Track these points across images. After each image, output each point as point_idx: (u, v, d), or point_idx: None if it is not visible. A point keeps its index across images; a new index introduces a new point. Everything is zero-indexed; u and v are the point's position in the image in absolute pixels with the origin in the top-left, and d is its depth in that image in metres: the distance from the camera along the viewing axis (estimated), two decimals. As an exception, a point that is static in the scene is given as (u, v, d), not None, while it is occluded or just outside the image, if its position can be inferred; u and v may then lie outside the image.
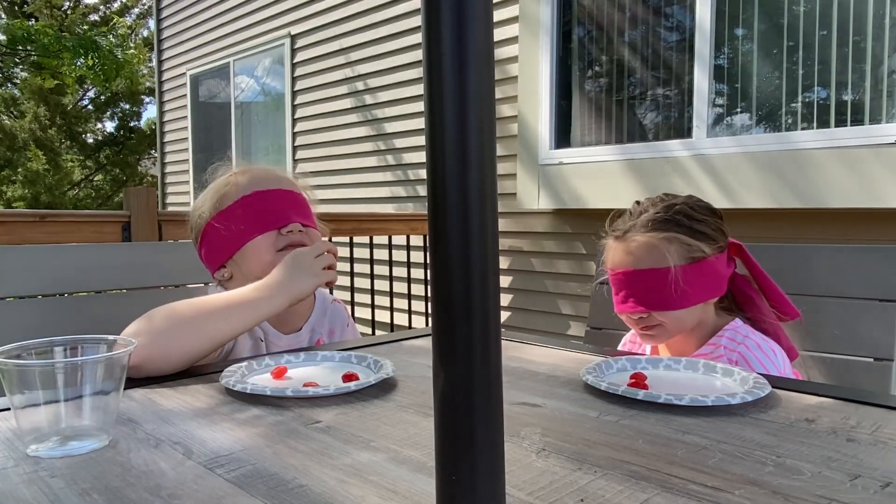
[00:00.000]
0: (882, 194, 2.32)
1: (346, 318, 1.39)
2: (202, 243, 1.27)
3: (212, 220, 1.23)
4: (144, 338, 0.92)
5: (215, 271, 1.27)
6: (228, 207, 1.22)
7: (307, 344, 1.28)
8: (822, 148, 2.50)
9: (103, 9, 17.71)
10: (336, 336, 1.35)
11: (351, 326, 1.41)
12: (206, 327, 1.00)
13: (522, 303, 3.71)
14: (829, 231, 2.55)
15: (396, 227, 3.45)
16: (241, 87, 6.04)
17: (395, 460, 0.64)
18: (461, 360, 0.40)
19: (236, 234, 1.21)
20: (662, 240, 1.20)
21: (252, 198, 1.22)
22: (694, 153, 2.87)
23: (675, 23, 3.10)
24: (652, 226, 1.22)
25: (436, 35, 0.38)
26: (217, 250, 1.24)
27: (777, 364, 1.19)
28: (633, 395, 0.83)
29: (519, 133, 3.51)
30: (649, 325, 1.23)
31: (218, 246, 1.24)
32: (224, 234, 1.22)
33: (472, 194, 0.39)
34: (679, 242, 1.20)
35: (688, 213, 1.24)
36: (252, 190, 1.22)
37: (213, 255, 1.26)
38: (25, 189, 15.64)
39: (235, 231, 1.21)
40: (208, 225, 1.24)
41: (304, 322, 1.29)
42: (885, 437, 0.70)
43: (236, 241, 1.21)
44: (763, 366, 1.17)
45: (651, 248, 1.20)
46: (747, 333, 1.23)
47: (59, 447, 0.66)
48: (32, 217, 2.00)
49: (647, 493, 0.56)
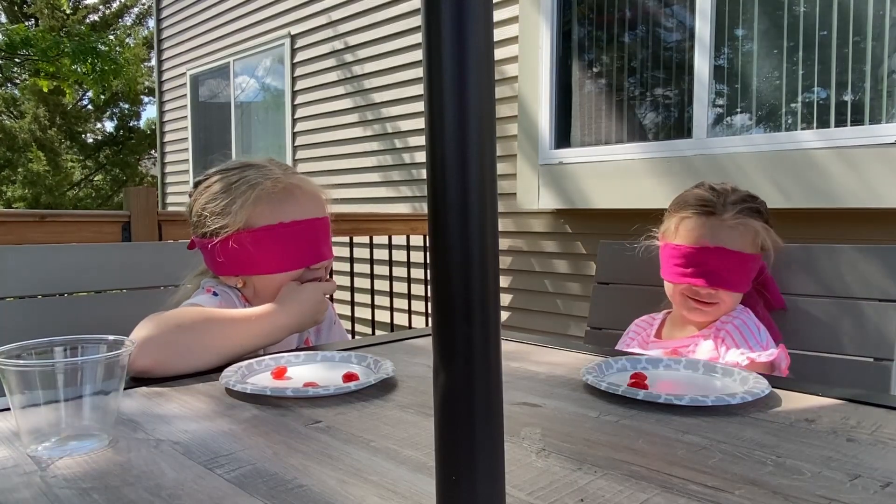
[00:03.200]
0: (882, 194, 2.32)
1: (333, 315, 1.38)
2: (220, 246, 1.15)
3: (242, 232, 1.14)
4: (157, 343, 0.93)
5: (224, 275, 1.21)
6: (263, 229, 1.14)
7: (296, 342, 1.25)
8: (822, 148, 2.50)
9: (103, 9, 17.70)
10: (323, 333, 1.35)
11: (337, 325, 1.40)
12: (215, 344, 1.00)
13: (522, 303, 3.71)
14: (829, 231, 2.55)
15: (396, 227, 3.44)
16: (241, 86, 6.04)
17: (395, 460, 0.64)
18: (461, 360, 0.40)
19: (264, 259, 1.15)
20: (761, 228, 1.27)
21: (291, 229, 1.14)
22: (694, 153, 2.87)
23: (675, 22, 3.10)
24: (747, 213, 1.28)
25: (436, 35, 0.38)
26: (238, 263, 1.16)
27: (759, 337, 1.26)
28: (633, 395, 0.83)
29: (519, 133, 3.51)
30: (708, 302, 1.28)
31: (240, 259, 1.15)
32: (251, 251, 1.14)
33: (472, 194, 0.39)
34: (766, 233, 1.28)
35: (765, 207, 1.32)
36: (291, 219, 1.14)
37: (231, 265, 1.17)
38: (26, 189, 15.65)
39: (263, 257, 1.14)
40: (237, 234, 1.14)
41: None
42: (885, 437, 0.70)
43: (262, 266, 1.15)
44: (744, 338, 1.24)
45: (749, 231, 1.27)
46: (740, 311, 1.30)
47: (59, 447, 0.66)
48: (32, 217, 2.00)
49: (647, 493, 0.56)
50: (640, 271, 1.53)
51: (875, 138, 2.38)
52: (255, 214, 1.15)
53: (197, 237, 1.22)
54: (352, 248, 3.24)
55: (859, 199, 2.38)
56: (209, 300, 1.16)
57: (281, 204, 1.16)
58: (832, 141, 2.50)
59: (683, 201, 1.34)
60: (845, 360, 1.31)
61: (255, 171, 1.19)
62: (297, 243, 1.16)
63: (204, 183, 1.22)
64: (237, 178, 1.18)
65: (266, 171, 1.20)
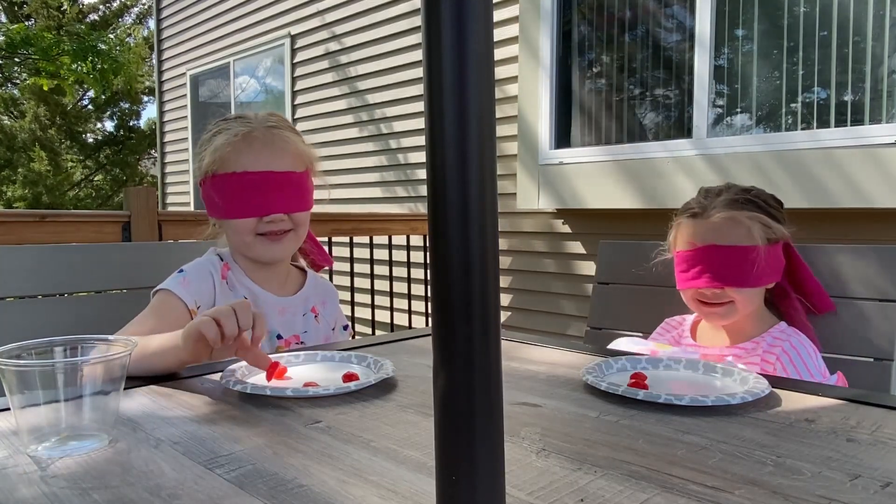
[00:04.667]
0: (882, 194, 2.32)
1: (336, 294, 1.43)
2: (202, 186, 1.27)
3: (208, 178, 1.23)
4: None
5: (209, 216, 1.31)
6: (219, 176, 1.21)
7: (301, 311, 1.31)
8: (822, 148, 2.50)
9: (103, 9, 17.70)
10: (328, 307, 1.38)
11: (347, 331, 1.44)
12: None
13: (522, 303, 3.71)
14: (829, 231, 2.55)
15: (396, 227, 3.44)
16: (241, 86, 6.04)
17: (395, 460, 0.64)
18: (461, 360, 0.40)
19: (222, 205, 1.23)
20: (749, 218, 1.25)
21: (242, 178, 1.20)
22: (694, 153, 2.87)
23: (675, 23, 3.10)
24: (735, 205, 1.27)
25: (436, 35, 0.38)
26: (209, 206, 1.27)
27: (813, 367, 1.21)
28: (633, 395, 0.83)
29: (519, 133, 3.51)
30: (720, 302, 1.27)
31: (209, 203, 1.26)
32: (212, 196, 1.23)
33: (472, 194, 0.39)
34: (761, 223, 1.25)
35: (764, 198, 1.30)
36: (243, 169, 1.20)
37: (207, 206, 1.28)
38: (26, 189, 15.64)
39: (221, 202, 1.22)
40: (205, 179, 1.24)
41: (299, 289, 1.33)
42: (885, 437, 0.70)
43: (221, 211, 1.23)
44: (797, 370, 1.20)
45: (737, 224, 1.25)
46: (790, 334, 1.26)
47: (59, 447, 0.66)
48: (33, 217, 2.00)
49: (647, 493, 0.56)
50: (640, 271, 1.53)
51: (875, 138, 2.38)
52: (218, 161, 1.21)
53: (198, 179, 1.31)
54: (352, 248, 3.24)
55: (859, 199, 2.38)
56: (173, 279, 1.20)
57: (239, 154, 1.21)
58: (832, 141, 2.50)
59: (680, 211, 1.36)
60: (845, 360, 1.31)
61: (236, 122, 1.25)
62: (245, 193, 1.20)
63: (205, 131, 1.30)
64: (219, 127, 1.26)
65: (243, 121, 1.25)
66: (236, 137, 1.21)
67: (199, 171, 1.26)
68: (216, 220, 1.31)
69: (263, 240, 1.23)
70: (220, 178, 1.21)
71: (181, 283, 1.18)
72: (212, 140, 1.24)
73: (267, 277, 1.29)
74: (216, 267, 1.25)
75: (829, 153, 2.47)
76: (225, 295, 1.23)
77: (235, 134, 1.21)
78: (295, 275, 1.37)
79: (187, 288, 1.18)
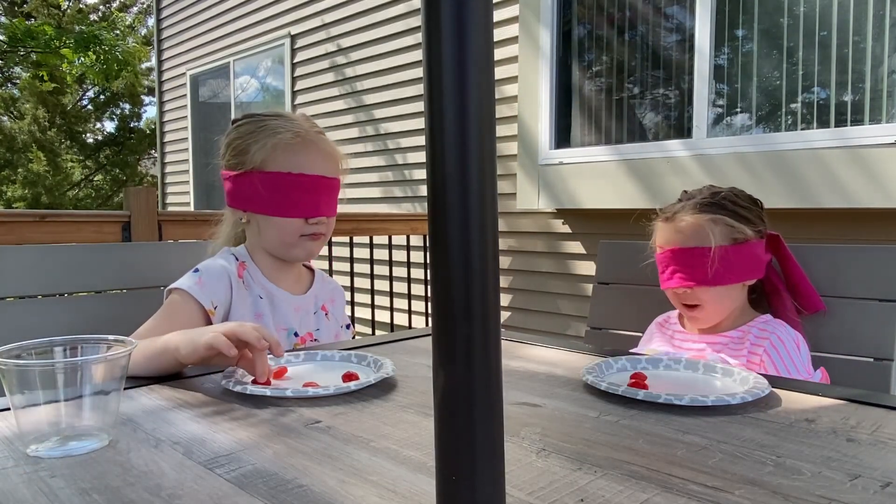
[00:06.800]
0: (882, 194, 2.32)
1: (343, 293, 1.46)
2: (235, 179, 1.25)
3: (255, 172, 1.22)
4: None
5: (233, 207, 1.29)
6: (271, 174, 1.22)
7: (313, 308, 1.34)
8: (821, 148, 2.50)
9: (103, 8, 17.70)
10: (336, 304, 1.41)
11: (350, 330, 1.46)
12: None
13: (522, 303, 3.71)
14: (829, 231, 2.55)
15: (396, 227, 3.44)
16: (241, 86, 6.04)
17: (395, 460, 0.64)
18: (461, 360, 0.40)
19: (269, 201, 1.22)
20: (708, 221, 1.30)
21: (297, 178, 1.22)
22: (694, 153, 2.87)
23: (675, 23, 3.10)
24: (699, 209, 1.31)
25: (436, 35, 0.38)
26: (247, 198, 1.25)
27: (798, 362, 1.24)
28: (633, 395, 0.83)
29: (519, 133, 3.51)
30: (691, 304, 1.32)
31: (248, 195, 1.24)
32: (259, 190, 1.22)
33: (472, 194, 0.39)
34: (724, 224, 1.29)
35: (732, 199, 1.33)
36: (299, 170, 1.22)
37: (241, 198, 1.26)
38: (26, 189, 15.64)
39: (268, 198, 1.22)
40: (250, 172, 1.23)
41: (309, 288, 1.36)
42: (885, 437, 0.70)
43: (267, 207, 1.23)
44: (784, 365, 1.23)
45: (698, 227, 1.30)
46: (776, 327, 1.30)
47: (59, 447, 0.66)
48: (32, 217, 2.00)
49: (647, 493, 0.56)
50: (640, 271, 1.53)
51: (875, 138, 2.38)
52: (270, 158, 1.23)
53: (224, 168, 1.30)
54: (352, 248, 3.24)
55: (859, 199, 2.38)
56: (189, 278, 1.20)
57: (295, 155, 1.23)
58: (832, 141, 2.50)
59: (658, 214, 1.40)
60: (845, 360, 1.31)
61: (283, 121, 1.28)
62: (300, 194, 1.22)
63: (239, 121, 1.30)
64: (265, 122, 1.27)
65: (293, 123, 1.28)
66: (295, 139, 1.24)
67: (234, 162, 1.25)
68: (245, 216, 1.28)
69: (305, 240, 1.26)
70: (272, 176, 1.22)
71: (197, 283, 1.19)
72: (256, 135, 1.24)
73: (283, 276, 1.31)
74: (232, 266, 1.26)
75: (828, 153, 2.47)
76: (241, 294, 1.24)
77: (294, 135, 1.24)
78: (304, 273, 1.39)
79: (203, 288, 1.18)
